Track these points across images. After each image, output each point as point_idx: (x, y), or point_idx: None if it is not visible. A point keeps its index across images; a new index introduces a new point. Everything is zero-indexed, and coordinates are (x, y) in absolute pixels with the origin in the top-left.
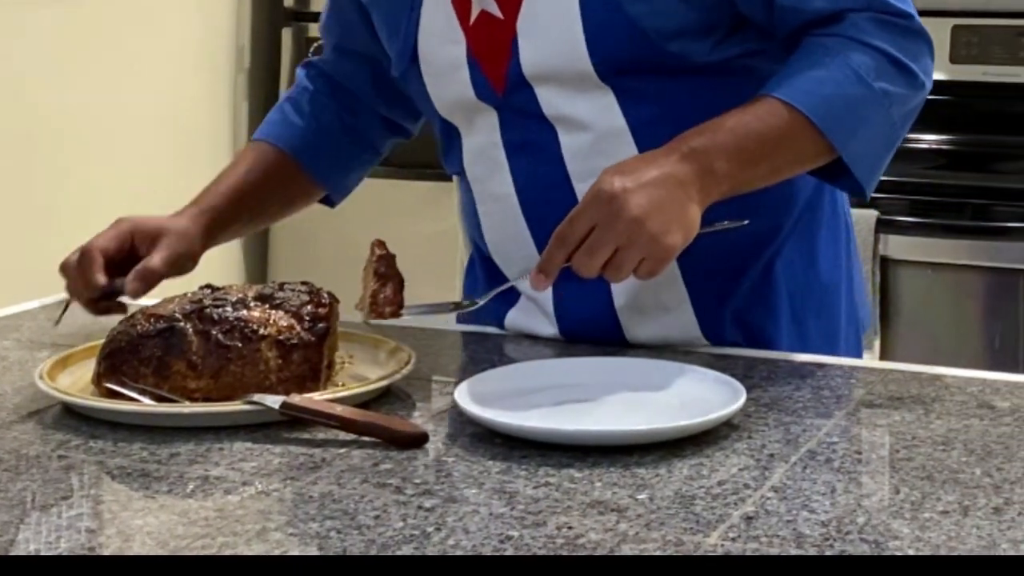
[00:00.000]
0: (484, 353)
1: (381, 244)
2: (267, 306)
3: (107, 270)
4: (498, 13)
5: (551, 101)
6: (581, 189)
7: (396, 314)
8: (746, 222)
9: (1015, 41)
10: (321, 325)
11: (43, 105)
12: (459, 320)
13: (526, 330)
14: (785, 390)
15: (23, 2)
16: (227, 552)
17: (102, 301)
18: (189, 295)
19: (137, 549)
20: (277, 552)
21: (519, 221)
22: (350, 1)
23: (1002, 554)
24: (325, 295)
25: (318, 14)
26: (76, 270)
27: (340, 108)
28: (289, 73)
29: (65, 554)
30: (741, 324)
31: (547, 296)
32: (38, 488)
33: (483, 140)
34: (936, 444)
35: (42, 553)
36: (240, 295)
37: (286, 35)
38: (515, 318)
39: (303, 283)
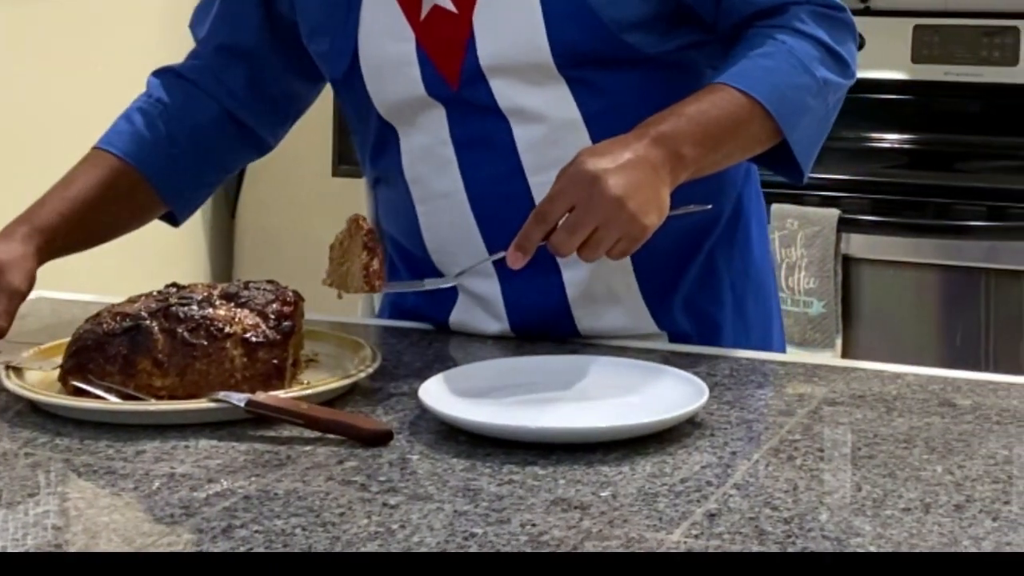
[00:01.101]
0: (447, 351)
1: (363, 219)
2: (232, 304)
3: None
4: (452, 8)
5: (506, 93)
6: (535, 182)
7: (382, 287)
8: (710, 206)
9: (976, 41)
10: (286, 323)
11: (10, 102)
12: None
13: (471, 329)
14: (748, 388)
15: None
16: (192, 549)
17: None
18: (155, 293)
19: (103, 546)
20: (242, 549)
21: (467, 218)
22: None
23: (963, 551)
24: (290, 293)
25: None
26: None
27: (197, 124)
28: None
29: (32, 551)
30: (690, 311)
31: (495, 293)
32: (4, 485)
33: (428, 139)
34: (898, 442)
35: (9, 550)
36: (205, 293)
37: None
38: (459, 318)
39: (268, 282)
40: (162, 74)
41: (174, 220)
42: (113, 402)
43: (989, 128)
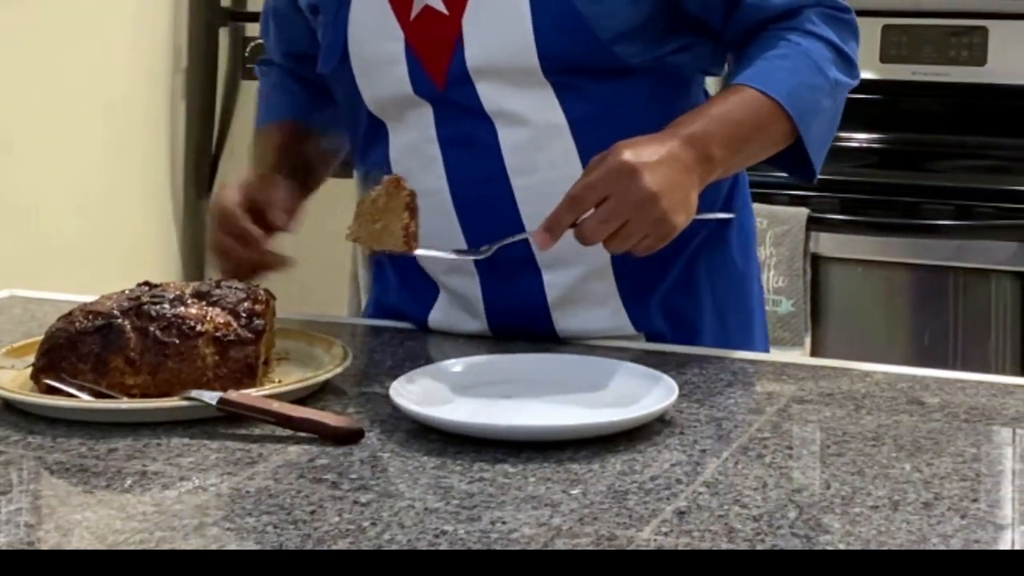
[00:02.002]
0: (419, 350)
1: (404, 180)
2: (204, 303)
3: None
4: (443, 9)
5: (491, 96)
6: (518, 184)
7: (416, 247)
8: (732, 215)
9: (944, 40)
10: (258, 322)
11: None
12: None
13: (451, 328)
14: (717, 386)
15: None
16: (165, 546)
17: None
18: (127, 292)
19: (76, 543)
20: (214, 546)
21: (450, 215)
22: (291, 10)
23: (932, 548)
24: (262, 292)
25: (255, 14)
26: (228, 228)
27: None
28: (227, 73)
29: (4, 548)
30: (668, 314)
31: (475, 292)
32: None
33: (415, 135)
34: (866, 440)
35: None
36: (177, 292)
37: (223, 35)
38: (438, 317)
39: (240, 280)
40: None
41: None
42: (85, 400)
43: (957, 128)
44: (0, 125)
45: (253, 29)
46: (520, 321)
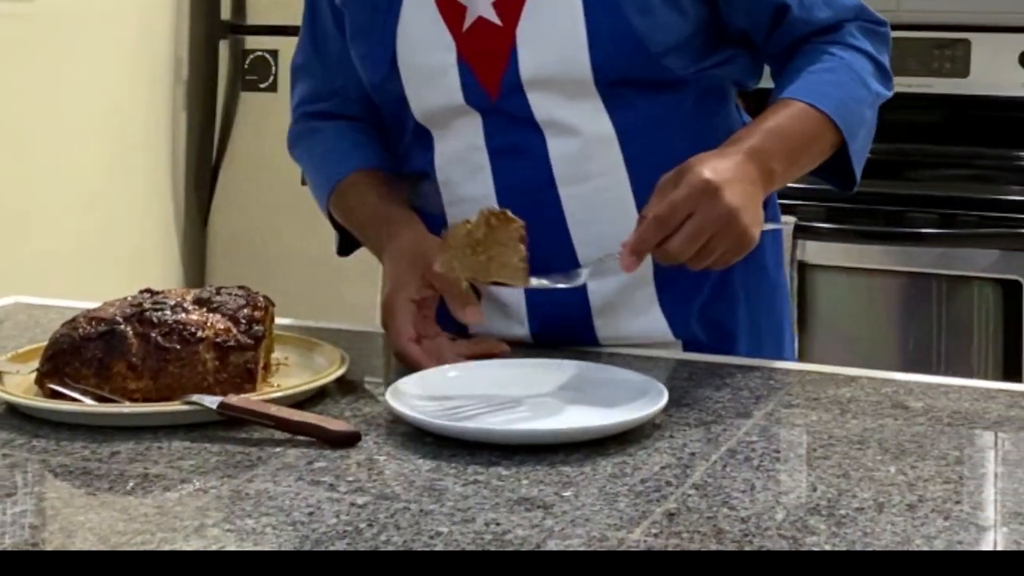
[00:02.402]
0: None
1: (508, 212)
2: (205, 309)
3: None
4: (496, 20)
5: (543, 106)
6: (565, 193)
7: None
8: (784, 225)
9: (928, 53)
10: (257, 328)
11: None
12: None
13: (493, 334)
14: (706, 391)
15: None
16: (166, 547)
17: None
18: (129, 299)
19: (79, 544)
20: (214, 547)
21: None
22: (333, 37)
23: (916, 549)
24: (261, 299)
25: (255, 27)
26: (392, 325)
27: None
28: (226, 84)
29: (9, 549)
30: (705, 322)
31: (519, 299)
32: None
33: (463, 143)
34: (852, 443)
35: None
36: (179, 299)
37: (223, 47)
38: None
39: (240, 287)
40: (313, 119)
41: None
42: (89, 404)
43: (940, 138)
44: (6, 135)
45: (253, 42)
46: (563, 328)
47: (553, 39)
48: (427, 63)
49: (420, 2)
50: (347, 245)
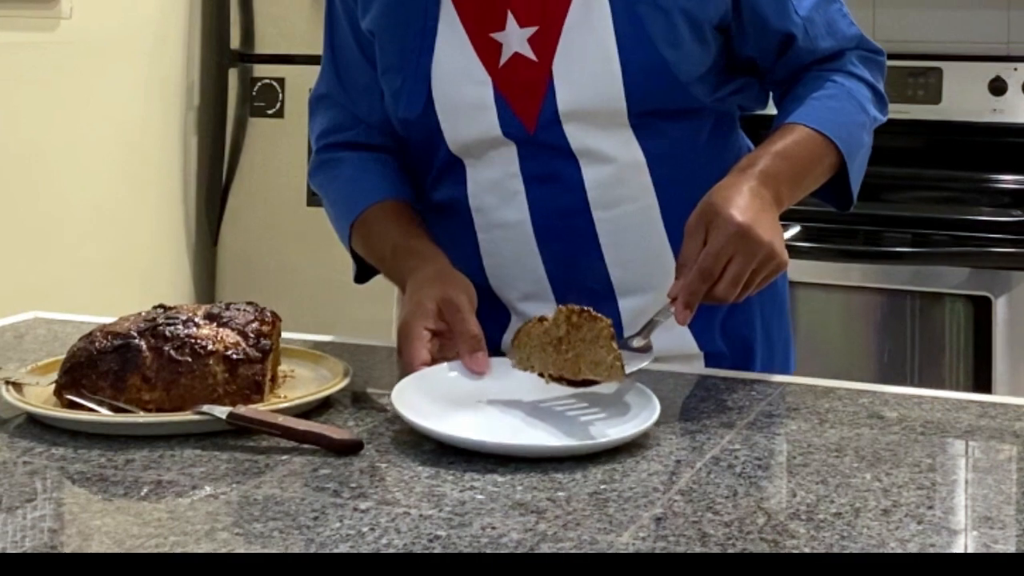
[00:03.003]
0: None
1: (587, 310)
2: (215, 324)
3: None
4: (532, 56)
5: (578, 136)
6: (599, 217)
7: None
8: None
9: (902, 81)
10: (265, 342)
11: (11, 139)
12: None
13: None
14: (691, 401)
15: None
16: (178, 550)
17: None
18: (143, 314)
19: (96, 547)
20: (224, 550)
21: (530, 246)
22: (358, 67)
23: (890, 552)
24: (268, 314)
25: (263, 55)
26: (407, 350)
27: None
28: (236, 110)
29: (30, 552)
30: (726, 334)
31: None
32: (4, 492)
33: (498, 172)
34: (830, 451)
35: (8, 551)
36: (190, 314)
37: (232, 75)
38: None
39: (248, 303)
40: (335, 149)
41: None
42: (105, 415)
43: (914, 161)
44: (30, 158)
45: (260, 70)
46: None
47: (588, 73)
48: (464, 98)
49: (454, 39)
50: (363, 273)
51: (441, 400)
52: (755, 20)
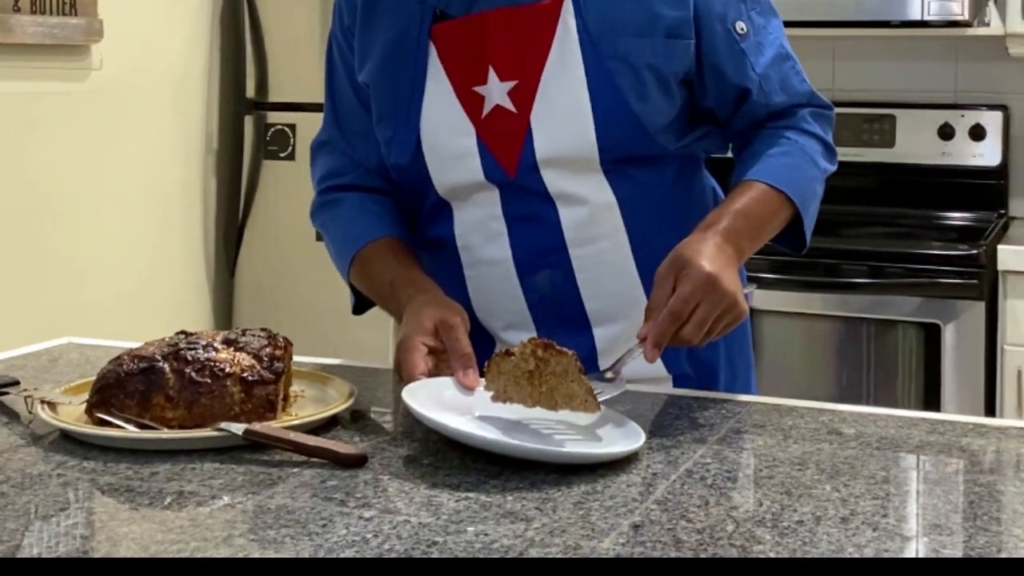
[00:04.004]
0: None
1: (551, 343)
2: (232, 349)
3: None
4: (512, 108)
5: (555, 181)
6: (575, 254)
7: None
8: (753, 287)
9: (859, 126)
10: (278, 364)
11: (46, 179)
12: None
13: None
14: (667, 419)
15: (34, 101)
16: (199, 555)
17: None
18: (167, 339)
19: (123, 553)
20: (241, 555)
21: (512, 281)
22: (356, 115)
23: (848, 557)
24: (281, 339)
25: (276, 104)
26: (407, 361)
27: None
28: (251, 154)
29: (63, 557)
30: (692, 359)
31: None
32: (40, 501)
33: (482, 213)
34: (793, 464)
35: (43, 556)
36: (209, 339)
37: (248, 121)
38: None
39: (262, 329)
40: (336, 191)
41: None
42: (131, 431)
43: (870, 200)
44: (63, 197)
45: (274, 117)
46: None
47: (564, 123)
48: (450, 147)
49: (441, 92)
50: (360, 305)
51: (442, 406)
52: (715, 75)
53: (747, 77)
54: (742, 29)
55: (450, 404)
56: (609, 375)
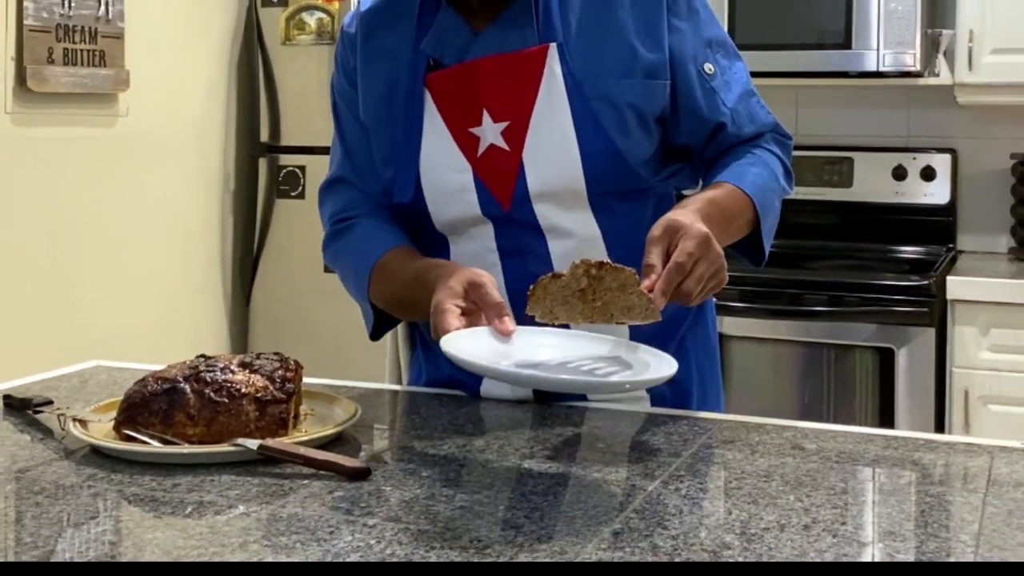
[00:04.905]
0: (412, 407)
1: (607, 261)
2: (247, 371)
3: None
4: (505, 146)
5: (545, 214)
6: None
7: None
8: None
9: (820, 168)
10: (289, 386)
11: (78, 217)
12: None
13: (500, 396)
14: (644, 435)
15: (67, 145)
16: (217, 559)
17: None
18: (188, 362)
19: (148, 557)
20: (255, 559)
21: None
22: (365, 150)
23: (809, 560)
24: (292, 362)
25: (287, 147)
26: (441, 322)
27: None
28: (265, 193)
29: (93, 560)
30: (670, 381)
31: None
32: (72, 510)
33: (477, 246)
34: (760, 476)
35: (75, 560)
36: (227, 362)
37: (262, 163)
38: (489, 388)
39: (275, 354)
40: (345, 222)
41: None
42: (155, 447)
43: (830, 235)
44: (92, 234)
45: (285, 159)
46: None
47: (553, 160)
48: (448, 184)
49: (437, 134)
50: (378, 330)
51: (480, 352)
52: (690, 112)
53: (720, 112)
54: (710, 70)
55: (487, 351)
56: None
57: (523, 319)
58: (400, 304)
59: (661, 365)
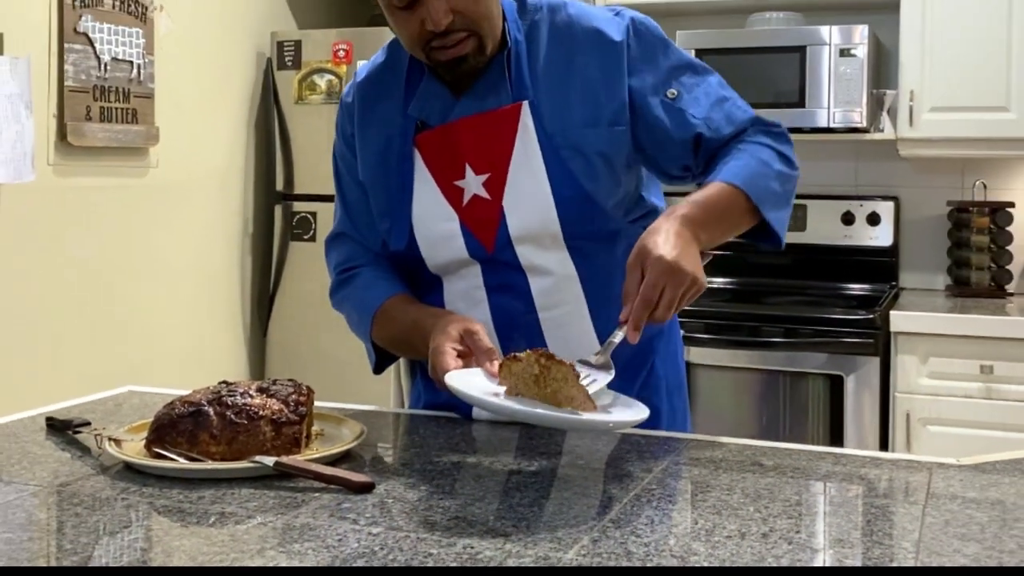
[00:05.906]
0: (412, 427)
1: (552, 354)
2: (265, 395)
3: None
4: (487, 196)
5: (526, 255)
6: (543, 316)
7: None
8: (712, 254)
9: None
10: (302, 408)
11: (112, 259)
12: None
13: (489, 418)
14: (620, 453)
15: (102, 193)
16: (237, 564)
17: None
18: (211, 388)
19: (176, 562)
20: (271, 564)
21: (492, 339)
22: (364, 208)
23: (767, 565)
24: (305, 388)
25: (300, 195)
26: (439, 363)
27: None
28: (280, 237)
29: (126, 566)
30: (641, 401)
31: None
32: (107, 520)
33: (466, 284)
34: (723, 490)
35: (111, 565)
36: (246, 388)
37: (277, 210)
38: (480, 410)
39: (290, 380)
40: (350, 271)
41: None
42: (182, 463)
43: (785, 274)
44: (125, 273)
45: (298, 206)
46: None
47: (530, 206)
48: (438, 231)
49: (427, 188)
50: (380, 365)
51: (475, 389)
52: (667, 139)
53: (691, 125)
54: (673, 94)
55: (481, 388)
56: (596, 360)
57: (508, 351)
58: (399, 344)
59: (636, 410)
